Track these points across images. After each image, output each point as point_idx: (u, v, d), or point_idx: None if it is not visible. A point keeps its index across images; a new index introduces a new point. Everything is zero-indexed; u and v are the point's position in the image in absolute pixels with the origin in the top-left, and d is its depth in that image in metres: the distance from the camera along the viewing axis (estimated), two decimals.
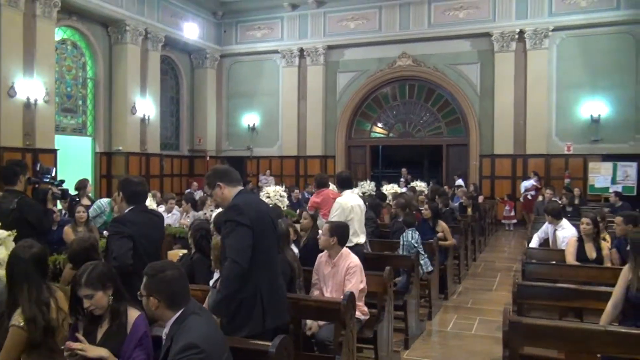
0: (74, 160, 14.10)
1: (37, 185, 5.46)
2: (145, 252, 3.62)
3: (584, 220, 5.73)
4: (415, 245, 6.64)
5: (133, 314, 2.87)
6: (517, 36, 15.24)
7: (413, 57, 16.55)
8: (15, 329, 2.87)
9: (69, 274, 3.51)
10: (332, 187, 7.46)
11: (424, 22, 16.27)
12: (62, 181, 6.11)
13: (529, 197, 14.10)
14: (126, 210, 3.80)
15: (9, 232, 3.73)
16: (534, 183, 14.39)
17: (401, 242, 6.73)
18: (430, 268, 6.70)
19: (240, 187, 3.43)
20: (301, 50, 17.68)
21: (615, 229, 6.02)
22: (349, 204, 5.84)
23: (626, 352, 3.15)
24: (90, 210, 7.12)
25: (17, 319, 2.89)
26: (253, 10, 18.15)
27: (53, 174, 6.24)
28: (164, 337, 2.64)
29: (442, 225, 7.44)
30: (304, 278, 4.53)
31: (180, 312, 2.60)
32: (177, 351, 2.42)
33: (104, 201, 7.63)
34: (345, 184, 6.11)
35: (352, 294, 3.93)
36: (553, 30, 14.92)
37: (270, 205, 7.80)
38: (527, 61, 15.21)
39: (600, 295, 4.10)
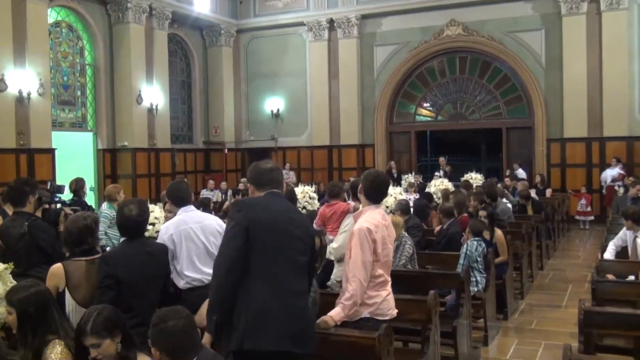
0: (74, 160, 14.52)
1: (48, 206, 5.65)
2: (136, 290, 3.73)
3: None
4: (479, 258, 6.70)
5: None
6: None
7: (463, 24, 16.41)
8: None
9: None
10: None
11: None
12: (74, 200, 6.35)
13: (617, 188, 13.60)
14: (120, 240, 3.98)
15: (6, 265, 4.01)
16: (621, 171, 14.11)
17: (462, 252, 6.75)
18: (484, 284, 6.75)
19: (272, 190, 3.48)
20: (331, 22, 17.71)
21: None
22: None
23: None
24: (100, 231, 6.72)
25: (54, 354, 3.05)
26: None
27: (65, 193, 6.46)
28: None
29: (498, 236, 7.43)
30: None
31: None
32: None
33: (105, 208, 7.72)
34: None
35: (389, 327, 4.03)
36: None
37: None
38: (602, 25, 14.92)
39: None
